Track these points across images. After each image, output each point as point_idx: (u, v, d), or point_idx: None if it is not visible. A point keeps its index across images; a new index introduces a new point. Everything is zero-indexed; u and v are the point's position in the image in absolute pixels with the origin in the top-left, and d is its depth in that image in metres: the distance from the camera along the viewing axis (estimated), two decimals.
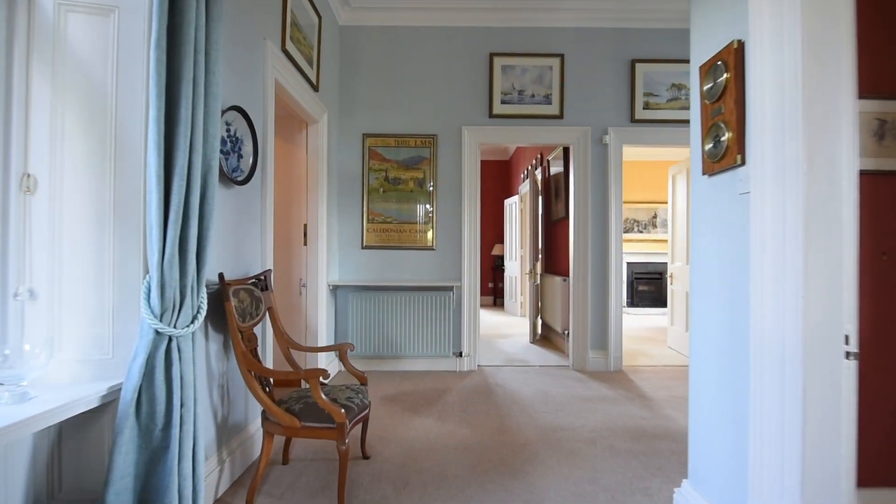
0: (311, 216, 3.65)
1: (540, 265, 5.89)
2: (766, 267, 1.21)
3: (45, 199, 1.48)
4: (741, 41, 1.37)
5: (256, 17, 2.44)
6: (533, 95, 4.13)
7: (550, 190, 5.63)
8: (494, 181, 9.17)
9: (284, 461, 2.27)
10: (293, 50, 3.01)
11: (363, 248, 4.16)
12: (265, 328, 2.45)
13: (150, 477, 1.40)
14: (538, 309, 5.69)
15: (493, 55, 4.13)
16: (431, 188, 4.13)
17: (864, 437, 1.41)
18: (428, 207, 4.14)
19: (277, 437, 2.10)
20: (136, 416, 1.40)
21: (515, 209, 7.69)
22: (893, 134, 1.60)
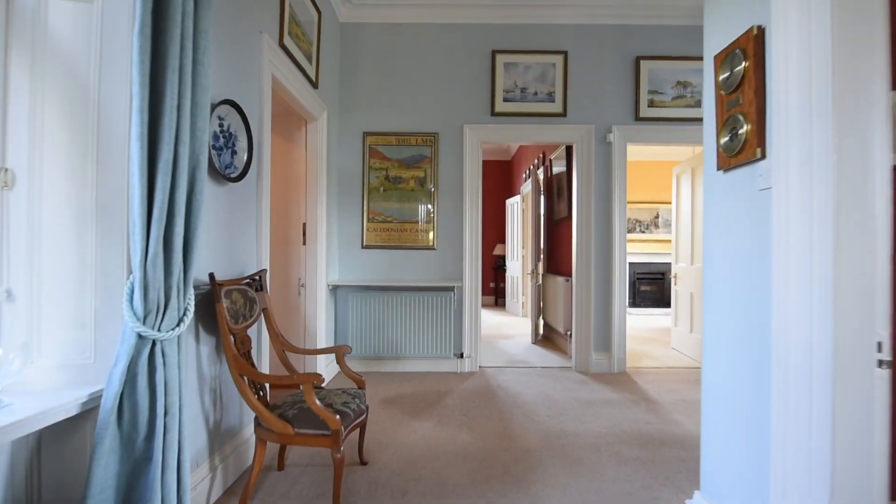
0: (310, 215, 3.57)
1: (542, 265, 5.81)
2: (790, 269, 1.13)
3: (23, 194, 1.40)
4: (761, 27, 1.29)
5: (253, 9, 2.37)
6: (536, 93, 4.05)
7: (553, 189, 5.54)
8: (496, 181, 9.09)
9: (280, 467, 2.19)
10: (291, 45, 2.93)
11: (363, 247, 4.08)
12: (260, 330, 2.38)
13: (132, 490, 1.32)
14: (540, 309, 5.60)
15: (495, 52, 4.05)
16: (432, 187, 4.05)
17: None
18: (429, 207, 4.06)
19: (271, 443, 2.02)
20: (117, 424, 1.32)
21: (517, 209, 7.60)
22: None
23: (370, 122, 4.08)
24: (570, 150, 4.69)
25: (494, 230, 9.00)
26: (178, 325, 1.43)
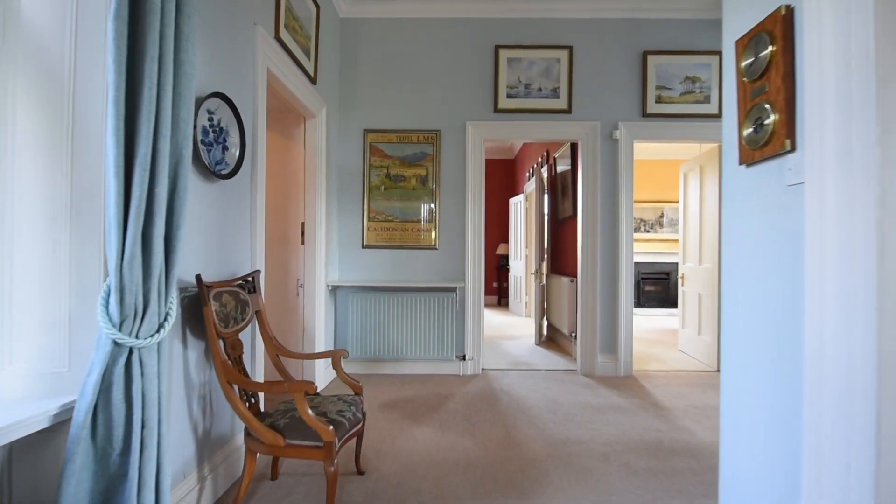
0: (308, 214, 3.48)
1: (546, 265, 5.70)
2: (825, 272, 1.02)
3: None
4: (790, 7, 1.18)
5: (246, 0, 2.27)
6: (540, 89, 3.94)
7: (557, 188, 5.43)
8: (499, 180, 8.99)
9: (273, 476, 2.09)
10: (288, 39, 2.83)
11: (364, 247, 3.98)
12: (254, 334, 2.28)
13: None
14: (544, 310, 5.49)
15: (498, 47, 3.94)
16: (434, 186, 3.95)
17: None
18: (431, 206, 3.96)
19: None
20: (91, 439, 1.23)
21: (520, 208, 7.49)
22: None
23: (371, 119, 3.98)
24: (574, 147, 4.58)
25: (497, 229, 8.89)
26: (157, 331, 1.33)
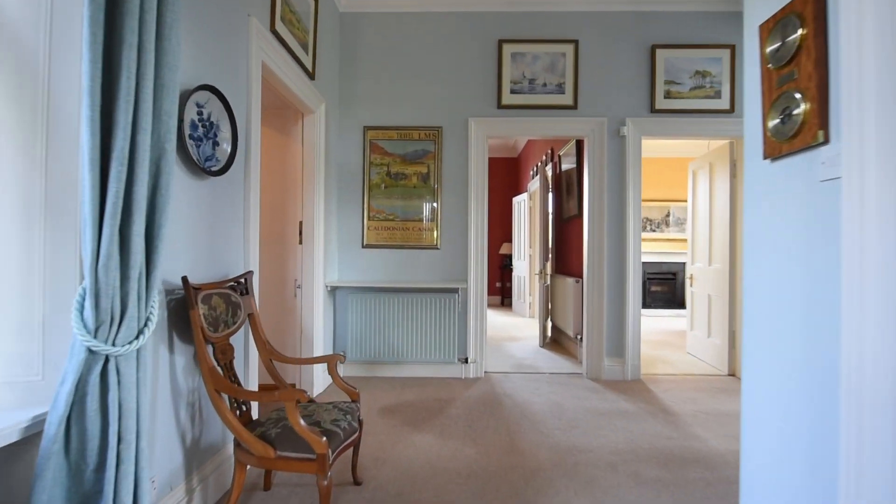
0: (306, 213, 3.39)
1: (550, 265, 5.59)
2: (865, 274, 0.92)
3: None
4: None
5: None
6: (545, 84, 3.83)
7: (562, 186, 5.32)
8: (502, 179, 8.88)
9: (266, 486, 2.01)
10: (284, 32, 2.74)
11: (363, 247, 3.90)
12: (247, 338, 2.20)
13: None
14: (548, 311, 5.39)
15: (501, 42, 3.83)
16: (436, 184, 3.85)
17: None
18: (433, 204, 3.86)
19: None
20: (63, 453, 1.14)
21: (524, 207, 7.39)
22: None
23: (371, 115, 3.89)
24: (580, 144, 4.47)
25: (501, 229, 8.79)
26: (137, 337, 1.24)
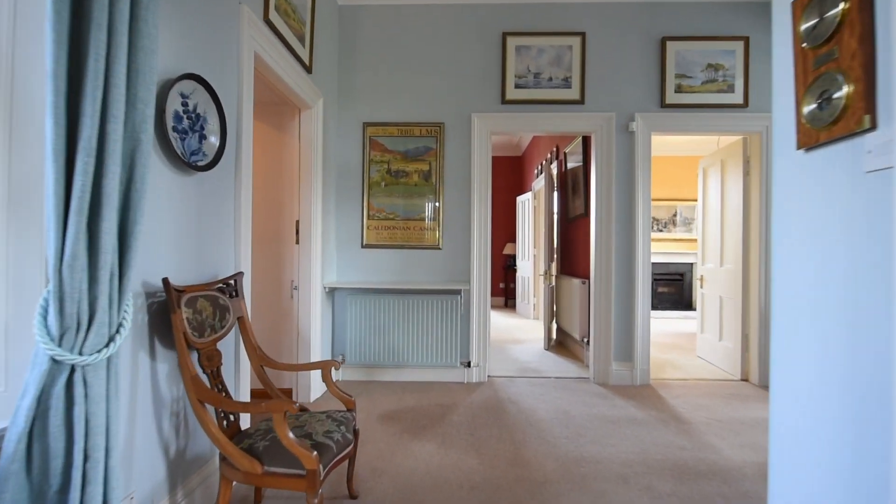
0: (303, 211, 3.29)
1: (555, 266, 5.47)
2: None
3: None
4: None
5: None
6: (550, 79, 3.71)
7: (567, 185, 5.20)
8: (506, 178, 8.76)
9: (257, 499, 1.90)
10: (279, 22, 2.64)
11: (363, 246, 3.79)
12: (238, 343, 2.09)
13: None
14: (553, 313, 5.26)
15: (506, 34, 3.71)
16: (438, 182, 3.74)
17: None
18: (434, 203, 3.75)
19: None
20: (24, 473, 1.04)
21: (528, 206, 7.26)
22: None
23: (370, 111, 3.78)
24: (586, 142, 4.35)
25: (504, 229, 8.67)
26: (107, 345, 1.14)
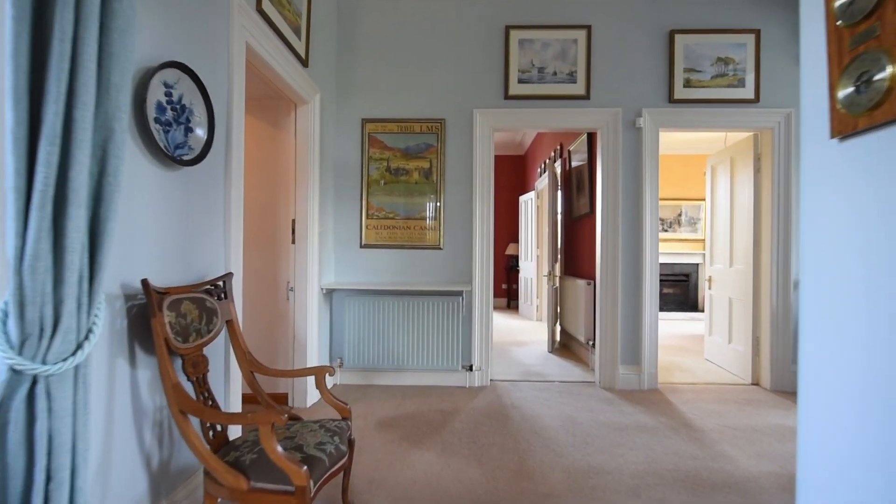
0: (300, 210, 3.19)
1: (559, 267, 5.36)
2: None
3: None
4: None
5: None
6: (555, 73, 3.61)
7: (572, 184, 5.09)
8: (508, 176, 8.66)
9: None
10: (273, 13, 2.54)
11: (362, 246, 3.69)
12: (227, 348, 2.00)
13: None
14: (557, 315, 5.15)
15: (509, 28, 3.61)
16: (439, 180, 3.64)
17: None
18: (436, 202, 3.65)
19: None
20: None
21: (531, 206, 7.15)
22: None
23: (369, 107, 3.68)
24: (591, 139, 4.24)
25: (507, 228, 8.56)
26: (74, 352, 1.04)
